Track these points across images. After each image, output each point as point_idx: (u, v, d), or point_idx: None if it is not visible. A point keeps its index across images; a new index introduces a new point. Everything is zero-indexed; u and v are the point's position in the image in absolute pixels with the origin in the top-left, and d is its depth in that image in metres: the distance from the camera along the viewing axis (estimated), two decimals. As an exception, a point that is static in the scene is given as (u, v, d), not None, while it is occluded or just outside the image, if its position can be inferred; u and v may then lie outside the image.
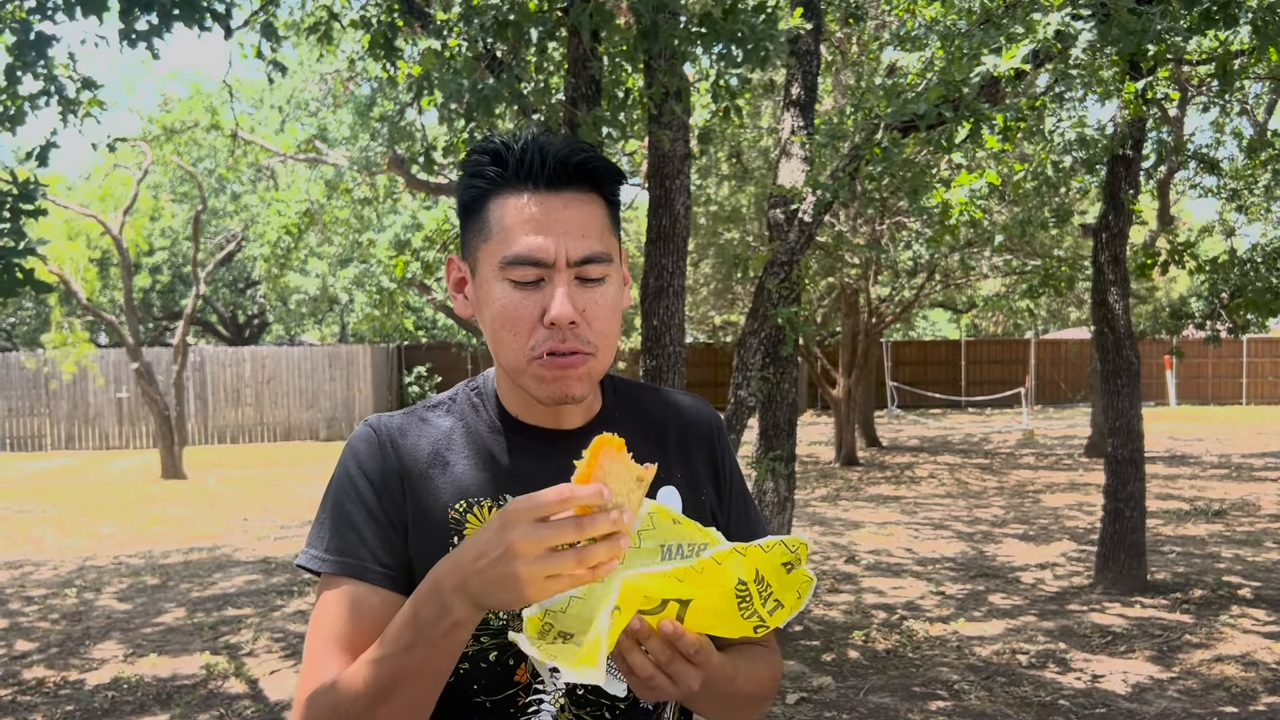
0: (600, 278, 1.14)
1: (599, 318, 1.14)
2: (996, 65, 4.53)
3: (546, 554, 0.92)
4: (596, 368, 1.15)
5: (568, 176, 1.13)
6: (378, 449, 1.21)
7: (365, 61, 8.98)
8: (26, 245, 4.69)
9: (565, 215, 1.12)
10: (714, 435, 1.33)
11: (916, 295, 15.41)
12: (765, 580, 0.98)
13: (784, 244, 5.31)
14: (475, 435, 1.23)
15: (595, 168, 1.15)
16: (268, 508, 11.81)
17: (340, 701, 1.06)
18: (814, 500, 11.48)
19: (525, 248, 1.11)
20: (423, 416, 1.25)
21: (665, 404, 1.33)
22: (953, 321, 33.75)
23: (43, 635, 6.28)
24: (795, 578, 1.00)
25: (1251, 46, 5.44)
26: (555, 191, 1.13)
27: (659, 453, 1.26)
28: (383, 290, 14.61)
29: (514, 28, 4.27)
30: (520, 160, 1.13)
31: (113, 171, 16.54)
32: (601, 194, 1.17)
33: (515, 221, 1.12)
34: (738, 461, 1.36)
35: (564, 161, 1.13)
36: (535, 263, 1.11)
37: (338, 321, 30.85)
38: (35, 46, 5.25)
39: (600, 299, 1.14)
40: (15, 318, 27.26)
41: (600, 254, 1.13)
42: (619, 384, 1.32)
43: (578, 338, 1.12)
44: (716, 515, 1.28)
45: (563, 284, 1.11)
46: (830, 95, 11.75)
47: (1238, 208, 11.58)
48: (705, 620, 0.99)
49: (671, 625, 0.98)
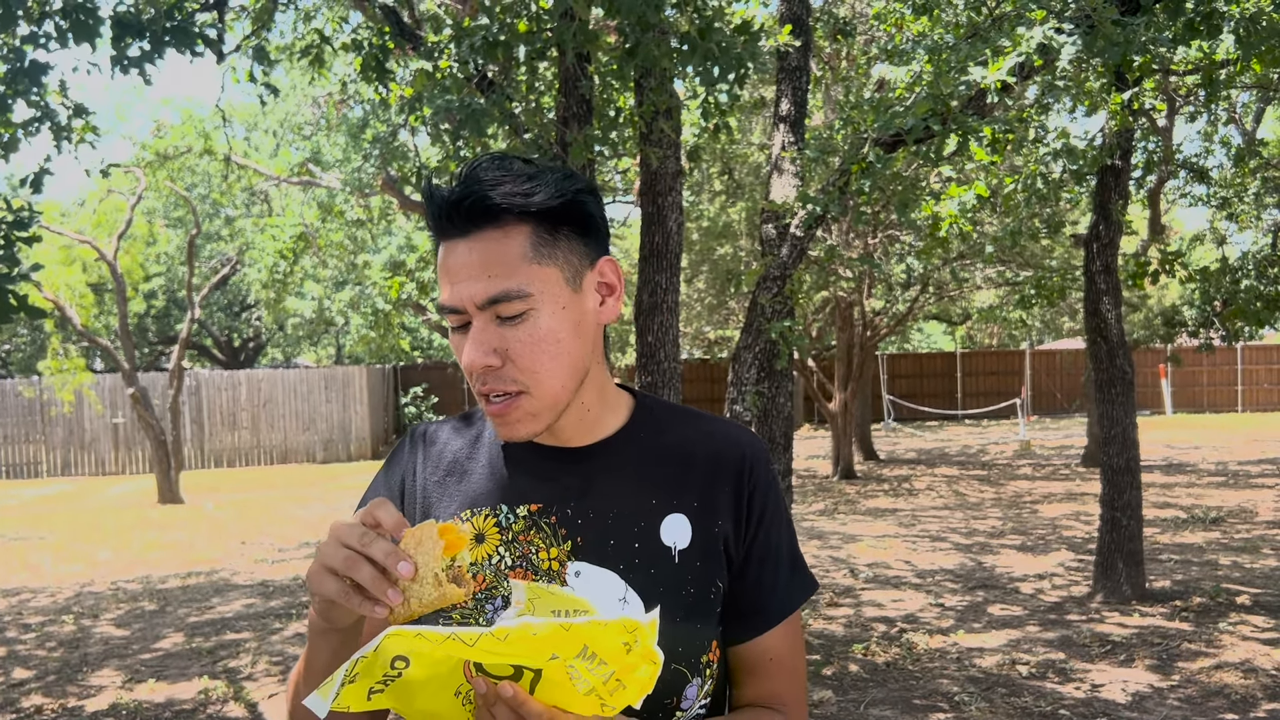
0: (518, 314, 1.09)
1: (523, 355, 1.10)
2: (983, 78, 4.57)
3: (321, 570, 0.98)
4: (536, 406, 1.12)
5: (472, 217, 1.09)
6: (407, 455, 1.28)
7: (357, 84, 9.03)
8: (20, 271, 4.70)
9: (470, 259, 1.09)
10: (746, 468, 1.23)
11: (910, 308, 15.45)
12: (598, 658, 0.93)
13: (776, 259, 5.34)
14: (491, 447, 1.25)
15: (493, 206, 1.08)
16: (265, 531, 11.78)
17: (294, 689, 1.16)
18: (812, 514, 11.47)
19: (444, 298, 1.11)
20: (455, 425, 1.29)
21: (699, 430, 1.26)
22: (948, 334, 33.81)
23: (40, 663, 6.26)
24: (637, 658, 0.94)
25: (1236, 56, 5.49)
26: (464, 235, 1.10)
27: (676, 478, 1.21)
28: (378, 312, 14.63)
29: (504, 48, 4.30)
30: (429, 210, 1.12)
31: (107, 197, 16.57)
32: (527, 221, 1.10)
33: (441, 270, 1.12)
34: (781, 501, 1.26)
35: (454, 206, 1.09)
36: (453, 310, 1.11)
37: (333, 343, 30.86)
38: (29, 74, 5.28)
39: (524, 335, 1.09)
40: (10, 344, 27.24)
41: (509, 291, 1.08)
42: (651, 404, 1.27)
43: (501, 379, 1.10)
44: (732, 549, 1.20)
45: (476, 329, 1.09)
46: (821, 111, 11.82)
47: (1228, 216, 11.63)
48: (554, 693, 0.96)
49: (512, 688, 0.95)
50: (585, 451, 1.21)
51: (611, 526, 1.16)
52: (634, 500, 1.18)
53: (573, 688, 0.95)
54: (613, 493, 1.18)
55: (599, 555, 1.14)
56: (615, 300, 1.19)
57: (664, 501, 1.19)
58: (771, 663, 1.19)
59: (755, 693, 1.21)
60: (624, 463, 1.21)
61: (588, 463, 1.20)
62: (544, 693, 0.96)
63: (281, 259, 13.53)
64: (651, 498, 1.19)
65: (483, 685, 0.95)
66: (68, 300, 14.98)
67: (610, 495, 1.18)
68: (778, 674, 1.22)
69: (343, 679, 0.92)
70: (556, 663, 0.92)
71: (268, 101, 6.41)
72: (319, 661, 1.09)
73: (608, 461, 1.21)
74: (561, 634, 0.91)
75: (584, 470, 1.20)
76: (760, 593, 1.21)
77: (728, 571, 1.20)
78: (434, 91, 4.64)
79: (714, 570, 1.18)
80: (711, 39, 3.99)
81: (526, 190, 1.10)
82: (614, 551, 1.15)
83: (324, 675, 1.05)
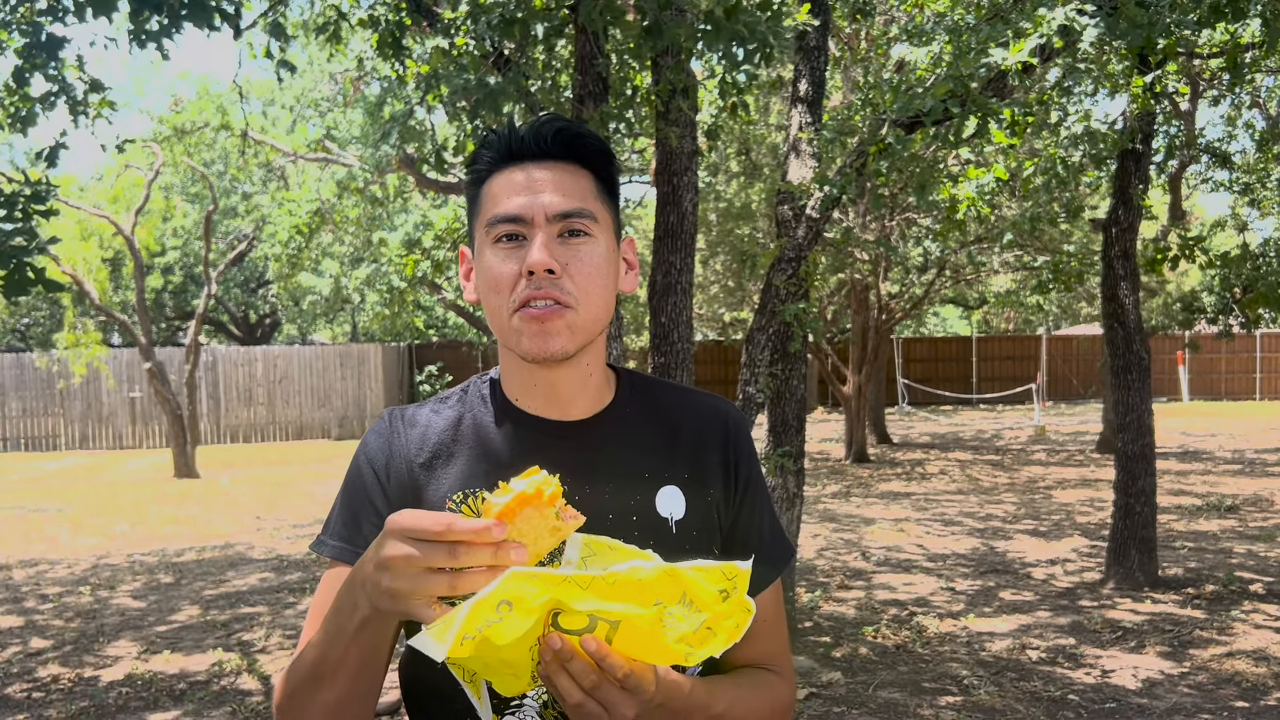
0: (582, 231, 1.16)
1: (581, 272, 1.14)
2: (1004, 59, 4.53)
3: (420, 573, 0.91)
4: (578, 322, 1.15)
5: (551, 148, 1.17)
6: (387, 440, 1.23)
7: (374, 61, 9.01)
8: (37, 245, 4.72)
9: (546, 177, 1.16)
10: (730, 436, 1.28)
11: (927, 292, 15.37)
12: (695, 605, 0.92)
13: (791, 240, 5.32)
14: (480, 426, 1.24)
15: (576, 138, 1.18)
16: (280, 506, 11.86)
17: (292, 681, 1.11)
18: (825, 497, 11.47)
19: (505, 208, 1.15)
20: (434, 408, 1.27)
21: (682, 402, 1.30)
22: (964, 318, 33.65)
23: (57, 633, 6.33)
24: (732, 606, 0.93)
25: (1261, 39, 5.41)
26: (539, 163, 1.17)
27: (666, 450, 1.24)
28: (393, 289, 14.66)
29: (520, 25, 4.28)
30: (509, 140, 1.18)
31: (124, 172, 16.63)
32: (590, 169, 1.19)
33: (501, 190, 1.17)
34: (759, 471, 1.30)
35: (546, 132, 1.17)
36: (514, 219, 1.14)
37: (349, 321, 30.94)
38: (46, 48, 5.28)
39: (584, 254, 1.15)
40: (29, 319, 27.43)
41: (582, 209, 1.15)
42: (636, 379, 1.30)
43: (557, 286, 1.13)
44: (722, 517, 1.24)
45: (541, 236, 1.13)
46: (839, 91, 11.74)
47: (1250, 202, 11.52)
48: (633, 644, 0.94)
49: (595, 642, 0.93)
50: (577, 426, 1.22)
51: (609, 500, 1.17)
52: (629, 474, 1.20)
53: (655, 637, 0.94)
54: (608, 467, 1.20)
55: (599, 529, 1.14)
56: (633, 275, 1.26)
57: (657, 474, 1.22)
58: (762, 624, 1.20)
59: (747, 655, 1.24)
60: (616, 437, 1.23)
61: (580, 437, 1.21)
62: (621, 645, 0.95)
63: (298, 234, 13.56)
64: (645, 471, 1.21)
65: (557, 641, 0.93)
66: (85, 275, 15.06)
67: (606, 469, 1.20)
68: (767, 636, 1.25)
69: (462, 620, 0.88)
70: (650, 612, 0.91)
71: (284, 78, 6.40)
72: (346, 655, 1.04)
73: (600, 436, 1.22)
74: (667, 580, 0.91)
75: (577, 445, 1.21)
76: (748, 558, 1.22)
77: (719, 539, 1.24)
78: (450, 69, 4.62)
79: (709, 539, 1.22)
80: (738, 20, 3.96)
81: (601, 141, 1.20)
82: (614, 525, 1.16)
83: (345, 669, 1.04)
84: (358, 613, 1.00)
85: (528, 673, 0.97)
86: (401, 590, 0.91)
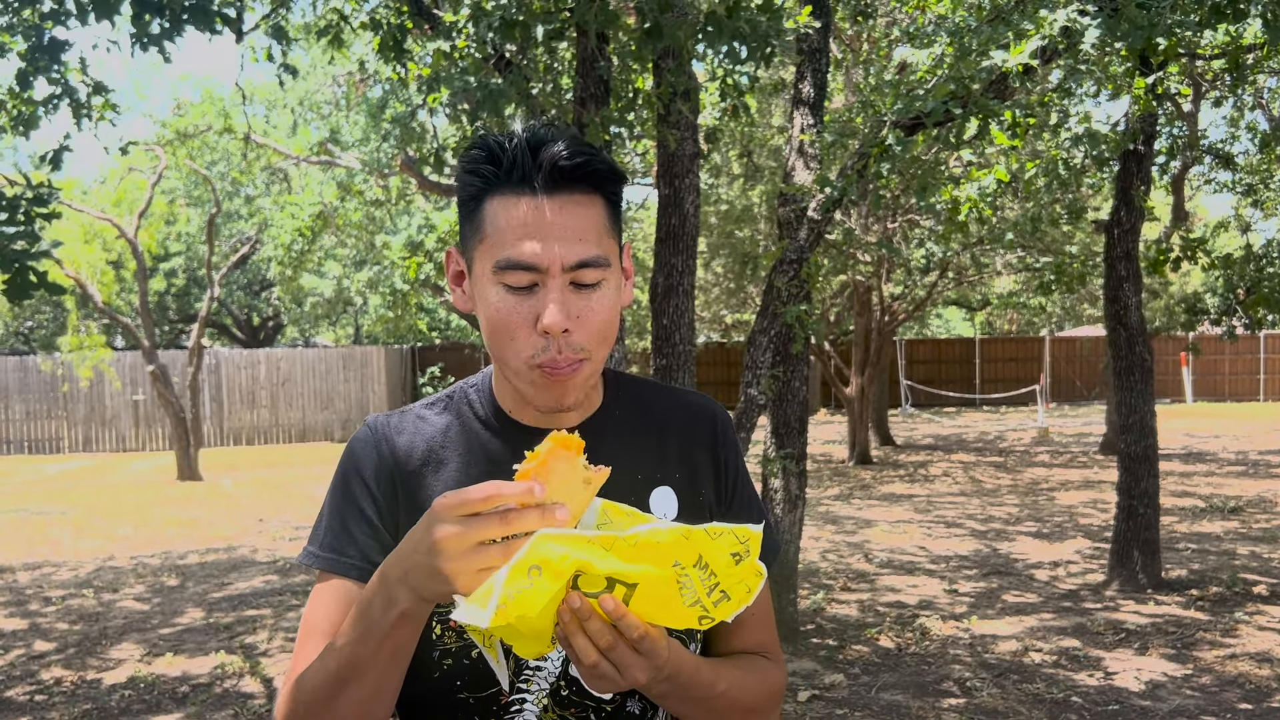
0: (595, 282, 1.10)
1: (593, 324, 1.11)
2: (1005, 60, 4.52)
3: (473, 548, 0.91)
4: (592, 370, 1.14)
5: (565, 179, 1.09)
6: (373, 449, 1.21)
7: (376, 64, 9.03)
8: (40, 248, 4.73)
9: (560, 220, 1.08)
10: (717, 433, 1.29)
11: (929, 293, 15.36)
12: (710, 568, 0.94)
13: (793, 242, 5.31)
14: (470, 433, 1.23)
15: (594, 170, 1.10)
16: (283, 509, 11.87)
17: (305, 690, 1.08)
18: (827, 499, 11.46)
19: (518, 254, 1.08)
20: (420, 415, 1.25)
21: (668, 401, 1.30)
22: (967, 320, 33.62)
23: (61, 636, 6.33)
24: (744, 570, 0.95)
25: (1263, 40, 5.41)
26: (551, 195, 1.08)
27: (657, 450, 1.25)
28: (396, 292, 14.67)
29: (521, 27, 4.28)
30: (515, 161, 1.09)
31: (127, 176, 16.66)
32: (602, 194, 1.12)
33: (509, 225, 1.09)
34: (744, 462, 1.32)
35: (561, 165, 1.08)
36: (528, 268, 1.08)
37: (351, 323, 30.97)
38: (48, 51, 5.29)
39: (596, 304, 1.11)
40: (33, 321, 27.47)
41: (597, 258, 1.09)
42: (622, 380, 1.30)
43: (571, 345, 1.10)
44: (714, 515, 1.25)
45: (555, 290, 1.08)
46: (841, 93, 11.74)
47: (1253, 203, 11.50)
48: (649, 607, 0.96)
49: (613, 601, 0.93)
50: (574, 430, 1.21)
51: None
52: (622, 475, 1.18)
53: (671, 600, 0.95)
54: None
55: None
56: (630, 285, 1.23)
57: (649, 475, 1.23)
58: (752, 616, 1.20)
59: (741, 643, 1.26)
60: (608, 438, 1.23)
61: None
62: (637, 606, 0.96)
63: (300, 236, 13.57)
64: (637, 472, 1.22)
65: (577, 600, 0.94)
66: (89, 278, 15.09)
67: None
68: (757, 626, 1.27)
69: (501, 586, 0.88)
70: (670, 572, 0.93)
71: (286, 82, 6.40)
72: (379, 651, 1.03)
73: (593, 438, 1.20)
74: (682, 541, 0.92)
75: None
76: None
77: None
78: (452, 72, 4.62)
79: None
80: (739, 18, 3.96)
81: (612, 162, 1.13)
82: None
83: (376, 665, 1.03)
84: (394, 608, 0.99)
85: (548, 634, 0.98)
86: (457, 570, 0.92)
